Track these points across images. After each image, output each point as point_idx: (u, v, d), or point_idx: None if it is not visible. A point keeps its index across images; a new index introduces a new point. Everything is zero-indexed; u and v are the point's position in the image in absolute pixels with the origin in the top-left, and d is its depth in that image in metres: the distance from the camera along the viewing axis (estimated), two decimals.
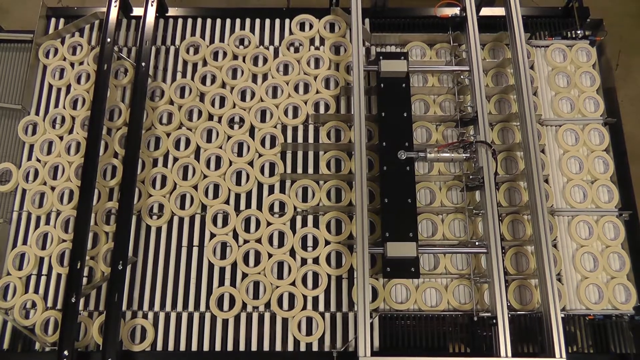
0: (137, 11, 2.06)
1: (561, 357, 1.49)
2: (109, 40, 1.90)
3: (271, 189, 1.85)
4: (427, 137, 1.90)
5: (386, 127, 1.74)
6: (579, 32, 2.02)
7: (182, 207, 1.83)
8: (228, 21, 2.07)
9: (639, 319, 1.67)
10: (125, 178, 1.77)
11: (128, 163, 1.78)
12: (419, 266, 1.61)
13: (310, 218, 1.80)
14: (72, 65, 2.01)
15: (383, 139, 1.73)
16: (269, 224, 1.80)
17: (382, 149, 1.72)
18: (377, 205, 1.75)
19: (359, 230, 1.58)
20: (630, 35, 2.86)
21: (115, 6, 1.94)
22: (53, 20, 2.08)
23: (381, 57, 1.80)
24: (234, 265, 1.77)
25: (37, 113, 1.95)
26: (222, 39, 2.04)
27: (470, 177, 1.75)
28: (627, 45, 2.78)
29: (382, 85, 1.80)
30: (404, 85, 1.80)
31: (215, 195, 1.84)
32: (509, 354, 1.52)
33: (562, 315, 1.59)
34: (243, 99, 1.95)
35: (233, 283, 1.75)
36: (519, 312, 1.69)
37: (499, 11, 2.05)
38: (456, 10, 1.96)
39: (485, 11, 2.05)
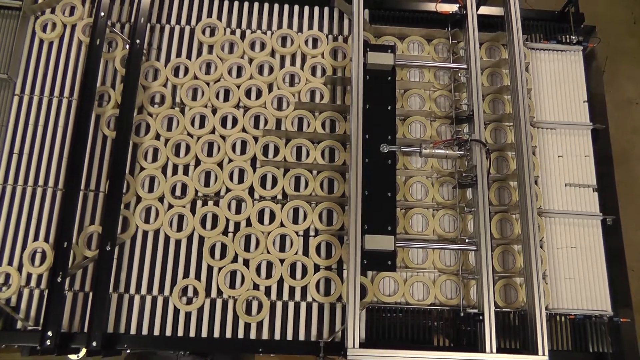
0: None
1: (544, 354, 1.54)
2: (102, 14, 1.84)
3: (263, 180, 1.84)
4: (422, 132, 1.91)
5: (370, 120, 1.72)
6: (573, 37, 2.05)
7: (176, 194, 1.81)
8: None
9: (617, 320, 1.73)
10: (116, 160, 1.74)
11: (119, 144, 1.75)
12: (396, 260, 1.61)
13: (301, 210, 1.80)
14: (61, 37, 1.94)
15: (366, 131, 1.70)
16: (259, 216, 1.80)
17: (364, 141, 1.69)
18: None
19: (352, 224, 1.59)
20: (618, 41, 2.93)
21: None
22: None
23: (368, 49, 1.78)
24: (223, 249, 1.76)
25: (23, 84, 1.88)
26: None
27: (463, 174, 1.77)
28: (614, 52, 2.85)
29: (367, 77, 1.77)
30: (389, 78, 1.79)
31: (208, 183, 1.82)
32: (494, 349, 1.55)
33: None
34: (248, 95, 1.93)
35: (208, 272, 1.74)
36: (503, 310, 1.73)
37: (496, 10, 2.06)
38: (456, 7, 1.96)
39: (484, 10, 2.06)
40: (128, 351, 1.67)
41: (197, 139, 1.85)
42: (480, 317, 1.60)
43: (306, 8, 2.03)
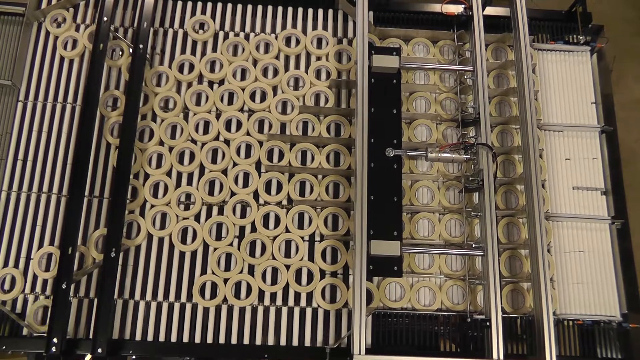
0: None
1: None
2: (105, 19, 1.84)
3: (268, 185, 1.83)
4: (428, 135, 1.89)
5: (375, 123, 1.70)
6: (580, 37, 2.03)
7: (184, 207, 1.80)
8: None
9: (626, 326, 1.71)
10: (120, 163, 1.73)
11: (123, 150, 1.74)
12: (402, 265, 1.59)
13: (306, 215, 1.79)
14: (65, 44, 1.93)
15: (371, 135, 1.68)
16: (264, 223, 1.79)
17: (370, 145, 1.67)
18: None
19: (358, 229, 1.57)
20: (625, 41, 2.90)
21: None
22: None
23: (373, 52, 1.76)
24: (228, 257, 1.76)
25: (27, 91, 1.88)
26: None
27: (470, 178, 1.75)
28: (621, 51, 2.80)
29: (372, 80, 1.75)
30: (394, 81, 1.77)
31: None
32: (501, 356, 1.54)
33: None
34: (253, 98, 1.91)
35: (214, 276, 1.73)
36: (510, 315, 1.71)
37: (502, 11, 2.04)
38: (461, 9, 1.94)
39: (489, 11, 2.03)
40: (133, 357, 1.67)
41: (201, 145, 1.84)
42: (487, 323, 1.59)
43: (310, 10, 2.01)
